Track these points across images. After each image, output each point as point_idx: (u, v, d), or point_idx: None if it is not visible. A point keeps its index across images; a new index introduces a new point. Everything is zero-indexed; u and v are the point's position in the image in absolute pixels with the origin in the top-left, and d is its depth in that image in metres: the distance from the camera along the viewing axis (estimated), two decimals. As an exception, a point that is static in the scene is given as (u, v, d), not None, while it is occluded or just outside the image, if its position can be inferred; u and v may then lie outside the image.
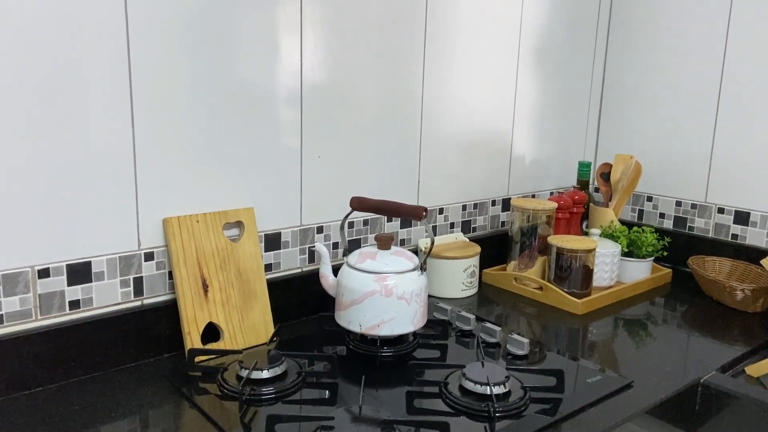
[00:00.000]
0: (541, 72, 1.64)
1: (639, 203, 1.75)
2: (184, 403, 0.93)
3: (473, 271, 1.41)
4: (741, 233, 1.55)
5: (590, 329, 1.26)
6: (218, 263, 1.09)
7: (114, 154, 0.98)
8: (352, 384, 0.99)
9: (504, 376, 0.95)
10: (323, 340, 1.14)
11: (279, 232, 1.21)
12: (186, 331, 1.04)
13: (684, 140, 1.64)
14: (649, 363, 1.10)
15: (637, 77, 1.72)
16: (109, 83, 0.96)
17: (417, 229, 1.44)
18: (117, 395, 0.94)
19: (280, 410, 0.91)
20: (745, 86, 1.51)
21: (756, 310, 1.35)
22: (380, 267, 1.06)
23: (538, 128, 1.67)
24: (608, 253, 1.42)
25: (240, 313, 1.11)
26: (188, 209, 1.08)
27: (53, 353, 0.96)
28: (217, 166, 1.10)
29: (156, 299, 1.06)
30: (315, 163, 1.23)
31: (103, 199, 0.98)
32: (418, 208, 1.08)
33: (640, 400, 0.97)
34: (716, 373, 1.07)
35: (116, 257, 1.01)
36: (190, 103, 1.05)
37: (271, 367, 0.97)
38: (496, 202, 1.61)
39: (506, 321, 1.29)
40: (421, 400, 0.95)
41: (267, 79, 1.13)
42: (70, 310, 0.98)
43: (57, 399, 0.93)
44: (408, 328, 1.08)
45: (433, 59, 1.38)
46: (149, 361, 1.05)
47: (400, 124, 1.36)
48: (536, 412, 0.91)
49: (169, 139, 1.04)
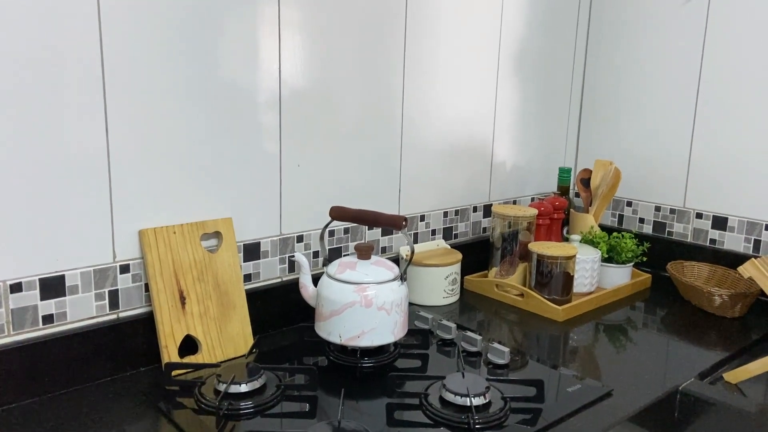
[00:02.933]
0: (522, 78, 1.64)
1: (619, 208, 1.76)
2: (161, 419, 0.91)
3: (455, 279, 1.41)
4: (719, 238, 1.56)
5: (571, 336, 1.26)
6: (196, 275, 1.08)
7: (87, 164, 0.97)
8: (332, 396, 0.98)
9: (484, 387, 0.95)
10: (303, 351, 1.13)
11: (258, 242, 1.20)
12: (163, 345, 1.03)
13: (663, 146, 1.65)
14: (629, 370, 1.11)
15: (616, 83, 1.73)
16: (82, 90, 0.94)
17: (398, 236, 1.44)
18: (92, 411, 0.92)
19: (259, 425, 0.90)
20: (723, 93, 1.53)
21: (734, 315, 1.37)
22: (360, 277, 1.06)
23: (518, 134, 1.67)
24: (588, 259, 1.43)
25: (218, 325, 1.09)
26: (165, 220, 1.06)
27: (26, 369, 0.94)
28: (194, 175, 1.09)
29: (132, 312, 1.05)
30: (294, 171, 1.22)
31: (77, 211, 0.97)
32: (398, 218, 1.08)
33: (619, 409, 0.98)
34: (695, 380, 1.08)
35: (91, 270, 0.99)
36: (165, 111, 1.03)
37: (249, 380, 0.96)
38: (478, 209, 1.61)
39: (488, 328, 1.29)
40: (402, 411, 0.94)
41: (245, 85, 1.12)
42: (43, 324, 0.96)
43: (30, 416, 0.91)
44: (388, 339, 1.07)
45: (414, 66, 1.38)
46: (125, 375, 1.03)
47: (381, 131, 1.35)
48: (517, 423, 0.91)
49: (145, 149, 1.02)
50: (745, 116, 1.50)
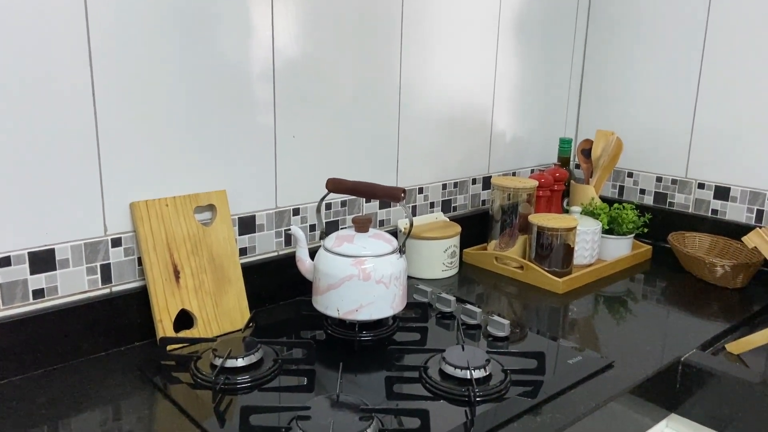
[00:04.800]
0: (522, 48, 1.60)
1: (620, 179, 1.74)
2: (156, 394, 0.90)
3: (454, 252, 1.39)
4: (721, 208, 1.55)
5: (571, 308, 1.25)
6: (190, 248, 1.06)
7: (74, 136, 0.93)
8: (330, 370, 0.97)
9: (484, 360, 0.94)
10: (301, 325, 1.12)
11: (253, 215, 1.17)
12: (157, 319, 1.01)
13: (666, 115, 1.62)
14: (630, 342, 1.10)
15: (618, 52, 1.70)
16: (68, 62, 0.91)
17: (396, 209, 1.42)
18: (86, 386, 0.91)
19: (256, 399, 0.88)
20: (727, 61, 1.50)
21: (736, 286, 1.35)
22: (358, 250, 1.04)
23: (518, 105, 1.64)
24: (589, 230, 1.41)
25: (214, 299, 1.07)
26: (157, 193, 1.04)
27: (18, 344, 0.92)
28: (186, 146, 1.06)
29: (125, 286, 1.03)
30: (290, 142, 1.19)
31: (65, 183, 0.94)
32: (396, 190, 1.05)
33: (620, 381, 0.97)
34: (696, 351, 1.07)
35: (81, 243, 0.97)
36: (155, 82, 1.00)
37: (246, 354, 0.94)
38: (477, 181, 1.59)
39: (487, 301, 1.28)
40: (401, 385, 0.93)
41: (237, 55, 1.09)
42: (34, 299, 0.94)
43: (22, 392, 0.89)
44: (387, 312, 1.05)
45: (411, 35, 1.34)
46: (120, 350, 1.02)
47: (378, 102, 1.32)
48: (517, 395, 0.90)
49: (134, 120, 0.99)
50: (749, 84, 1.47)
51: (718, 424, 1.02)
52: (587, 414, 0.88)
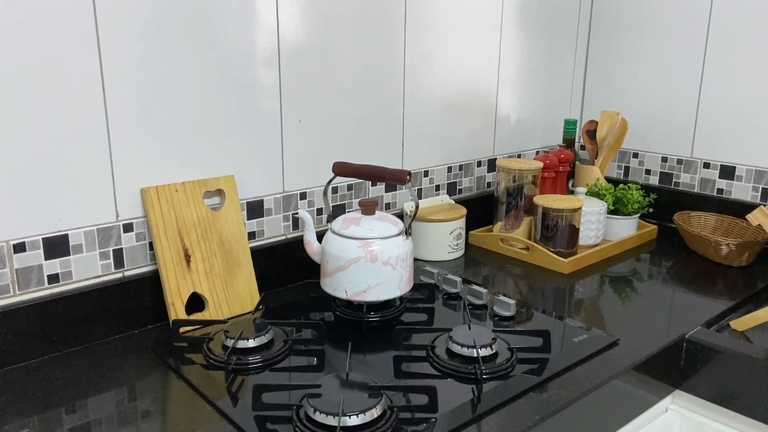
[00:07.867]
0: (526, 29, 1.60)
1: (625, 160, 1.74)
2: (170, 374, 0.92)
3: (459, 233, 1.41)
4: (726, 188, 1.55)
5: (576, 288, 1.26)
6: (200, 233, 1.07)
7: (85, 123, 0.95)
8: (339, 350, 0.98)
9: (490, 338, 0.95)
10: (309, 307, 1.13)
11: (261, 200, 1.19)
12: (170, 302, 1.03)
13: (670, 95, 1.62)
14: (635, 320, 1.11)
15: (622, 33, 1.69)
16: (77, 49, 0.92)
17: (402, 192, 1.43)
18: (101, 368, 0.93)
19: (267, 378, 0.90)
20: (732, 40, 1.49)
21: (741, 264, 1.36)
22: (364, 233, 1.05)
23: (523, 86, 1.64)
24: (594, 211, 1.42)
25: (224, 282, 1.09)
26: (167, 178, 1.05)
27: (34, 328, 0.94)
28: (195, 133, 1.07)
29: (137, 270, 1.05)
30: (296, 127, 1.20)
31: (77, 170, 0.96)
32: (402, 172, 1.06)
33: (626, 358, 0.98)
34: (701, 328, 1.08)
35: (94, 229, 0.99)
36: (164, 68, 1.01)
37: (257, 335, 0.96)
38: (482, 163, 1.60)
39: (493, 282, 1.29)
40: (409, 364, 0.95)
41: (243, 41, 1.09)
42: (49, 284, 0.96)
43: (39, 374, 0.91)
44: (394, 293, 1.07)
45: (416, 17, 1.34)
46: (133, 332, 1.04)
47: (383, 86, 1.33)
48: (523, 373, 0.92)
49: (142, 107, 1.00)
50: (754, 63, 1.46)
51: (723, 400, 1.03)
52: (592, 390, 0.90)
